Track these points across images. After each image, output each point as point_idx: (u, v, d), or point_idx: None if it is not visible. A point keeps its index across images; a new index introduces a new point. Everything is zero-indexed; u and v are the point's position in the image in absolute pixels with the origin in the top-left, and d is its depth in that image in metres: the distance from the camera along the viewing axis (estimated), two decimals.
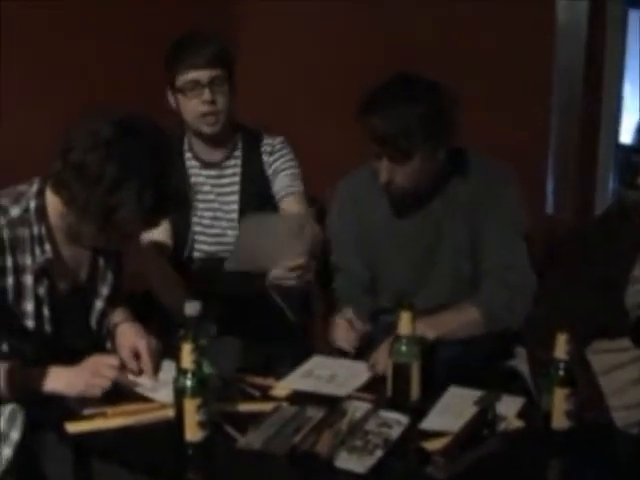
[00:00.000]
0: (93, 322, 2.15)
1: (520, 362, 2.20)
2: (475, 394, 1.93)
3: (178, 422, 1.74)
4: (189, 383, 1.72)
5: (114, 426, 1.85)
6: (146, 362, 2.04)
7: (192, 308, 1.84)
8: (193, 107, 2.47)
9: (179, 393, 1.73)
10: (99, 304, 2.15)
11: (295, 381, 2.07)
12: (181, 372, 1.73)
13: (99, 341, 2.16)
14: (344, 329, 2.22)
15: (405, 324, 1.91)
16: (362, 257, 2.40)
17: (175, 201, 2.03)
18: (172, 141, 2.47)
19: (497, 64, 2.90)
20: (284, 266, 2.26)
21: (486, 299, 2.22)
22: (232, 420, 1.85)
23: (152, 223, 2.03)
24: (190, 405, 1.72)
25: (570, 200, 2.85)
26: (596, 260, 2.03)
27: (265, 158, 2.57)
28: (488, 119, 2.81)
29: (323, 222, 2.49)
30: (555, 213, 2.77)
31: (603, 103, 2.85)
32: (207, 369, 1.82)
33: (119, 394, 1.95)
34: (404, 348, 1.90)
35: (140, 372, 2.04)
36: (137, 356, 2.06)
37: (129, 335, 2.11)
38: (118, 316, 2.18)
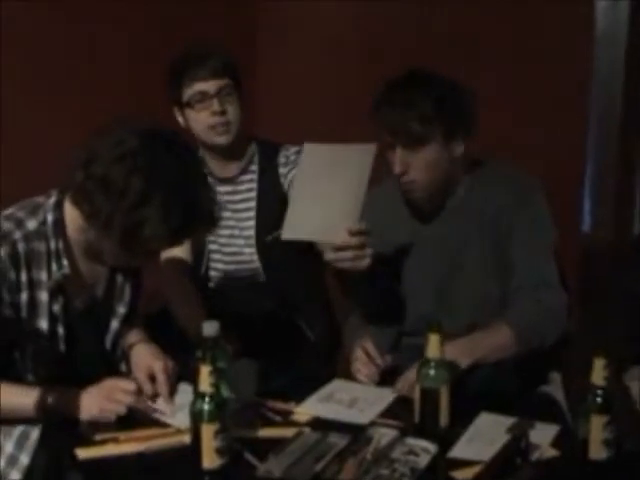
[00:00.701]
0: (108, 343, 2.14)
1: (555, 388, 2.17)
2: (507, 421, 1.90)
3: (195, 448, 1.72)
4: (207, 407, 1.70)
5: (127, 452, 1.83)
6: (162, 385, 2.03)
7: (210, 328, 1.83)
8: (203, 120, 2.46)
9: (196, 418, 1.71)
10: (115, 324, 2.14)
11: (314, 406, 2.05)
12: (198, 396, 1.71)
13: (113, 363, 2.15)
14: (364, 363, 2.18)
15: (433, 347, 1.88)
16: (384, 276, 2.36)
17: (204, 219, 1.97)
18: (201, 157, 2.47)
19: (529, 69, 2.86)
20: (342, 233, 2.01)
21: (518, 318, 2.17)
22: (251, 446, 1.82)
23: (178, 241, 2.00)
24: (208, 431, 1.70)
25: (608, 217, 2.80)
26: (636, 281, 2.00)
27: (281, 170, 2.55)
28: (520, 130, 2.77)
29: None
30: (592, 231, 2.73)
31: None
32: (225, 393, 1.80)
33: (133, 419, 1.94)
34: (433, 372, 1.87)
35: (155, 395, 2.03)
36: (153, 378, 2.04)
37: (145, 356, 2.09)
38: (134, 336, 2.16)
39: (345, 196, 2.04)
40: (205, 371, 1.71)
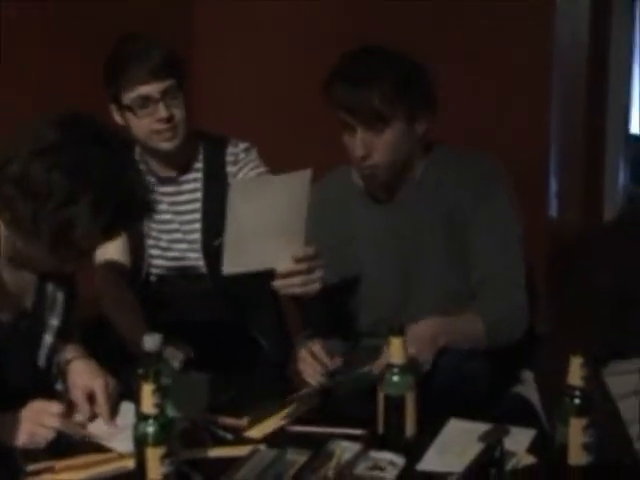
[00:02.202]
0: (41, 360, 2.06)
1: (528, 388, 2.15)
2: (478, 427, 1.85)
3: (140, 475, 1.66)
4: (151, 430, 1.64)
5: None
6: (102, 405, 1.96)
7: (152, 342, 1.76)
8: (146, 126, 2.37)
9: (140, 441, 1.65)
10: (48, 338, 2.06)
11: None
12: (142, 417, 1.65)
13: (48, 382, 2.07)
14: (308, 363, 2.13)
15: (397, 351, 1.84)
16: (339, 271, 2.32)
17: (138, 210, 1.91)
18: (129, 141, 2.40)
19: (490, 48, 2.84)
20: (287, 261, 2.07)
21: (488, 312, 2.16)
22: (202, 469, 1.77)
23: (112, 236, 1.93)
24: (153, 455, 1.64)
25: (576, 200, 2.78)
26: (608, 270, 1.99)
27: (229, 168, 2.48)
28: (479, 109, 2.74)
29: None
30: (559, 216, 2.71)
31: (610, 90, 2.79)
32: (171, 411, 1.74)
33: (71, 445, 1.87)
34: (397, 378, 1.83)
35: (94, 417, 1.97)
36: (92, 398, 1.97)
37: (83, 374, 2.02)
38: (70, 352, 2.08)
39: (286, 224, 2.07)
40: (148, 390, 1.65)
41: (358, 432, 1.91)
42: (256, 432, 1.95)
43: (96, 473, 1.79)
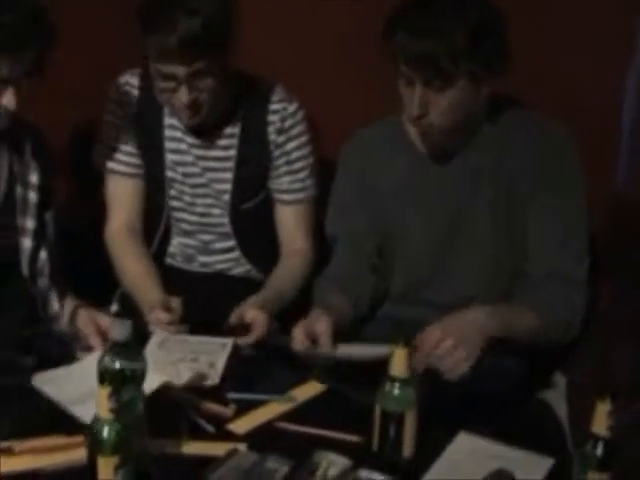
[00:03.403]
0: (24, 267, 2.01)
1: (557, 396, 1.94)
2: (489, 448, 1.67)
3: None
4: (105, 437, 1.47)
5: (21, 469, 1.61)
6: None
7: (121, 330, 1.58)
8: (165, 98, 2.13)
9: (92, 446, 1.50)
10: (26, 242, 2.00)
11: None
12: (97, 421, 1.49)
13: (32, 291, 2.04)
14: (300, 333, 1.92)
15: (400, 363, 1.63)
16: (370, 221, 2.14)
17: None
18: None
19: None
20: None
21: (544, 308, 1.96)
22: (173, 468, 1.62)
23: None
24: (105, 464, 1.48)
25: None
26: None
27: (272, 137, 2.23)
28: (551, 69, 2.44)
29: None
30: (625, 191, 2.43)
31: None
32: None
33: (35, 423, 1.73)
34: (397, 392, 1.63)
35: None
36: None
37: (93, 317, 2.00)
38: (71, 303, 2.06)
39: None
40: (103, 394, 1.47)
41: (353, 439, 1.73)
42: (240, 425, 1.78)
43: (58, 462, 1.64)
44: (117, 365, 1.56)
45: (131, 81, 2.26)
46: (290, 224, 2.29)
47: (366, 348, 1.92)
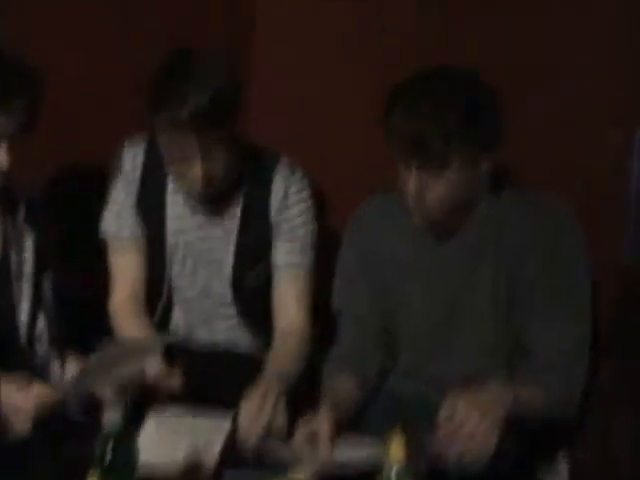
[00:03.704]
0: (22, 335, 2.04)
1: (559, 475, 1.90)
2: None
3: None
4: None
5: None
6: None
7: (113, 419, 1.56)
8: (177, 175, 2.15)
9: None
10: (24, 308, 2.04)
11: None
12: None
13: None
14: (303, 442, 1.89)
15: (397, 449, 1.60)
16: (373, 292, 2.14)
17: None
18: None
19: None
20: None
21: (547, 386, 1.94)
22: None
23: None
24: None
25: None
26: None
27: (273, 200, 2.24)
28: (550, 136, 2.43)
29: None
30: (634, 262, 2.43)
31: None
32: None
33: None
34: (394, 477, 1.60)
35: None
36: None
37: None
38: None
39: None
40: None
41: None
42: None
43: None
44: (109, 455, 1.53)
45: (137, 145, 2.28)
46: (285, 294, 2.27)
47: (364, 449, 1.88)
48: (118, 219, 2.28)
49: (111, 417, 1.56)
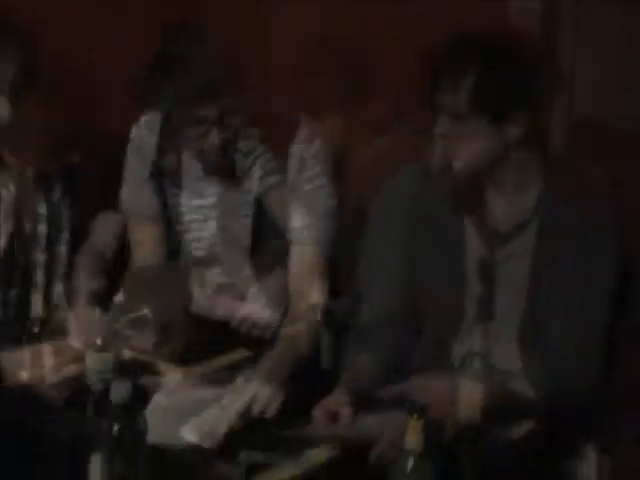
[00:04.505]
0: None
1: (587, 470, 1.83)
2: None
3: None
4: None
5: None
6: None
7: (120, 392, 1.52)
8: (193, 140, 2.14)
9: None
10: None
11: None
12: None
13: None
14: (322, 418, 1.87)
15: (415, 434, 1.55)
16: (402, 267, 2.11)
17: None
18: None
19: None
20: None
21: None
22: None
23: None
24: None
25: None
26: None
27: (291, 164, 2.23)
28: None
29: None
30: None
31: None
32: None
33: None
34: (411, 466, 1.54)
35: None
36: None
37: None
38: None
39: None
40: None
41: None
42: None
43: None
44: (115, 429, 1.51)
45: (152, 122, 2.30)
46: (300, 266, 2.26)
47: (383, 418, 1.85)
48: (135, 192, 2.31)
49: (117, 391, 1.52)
